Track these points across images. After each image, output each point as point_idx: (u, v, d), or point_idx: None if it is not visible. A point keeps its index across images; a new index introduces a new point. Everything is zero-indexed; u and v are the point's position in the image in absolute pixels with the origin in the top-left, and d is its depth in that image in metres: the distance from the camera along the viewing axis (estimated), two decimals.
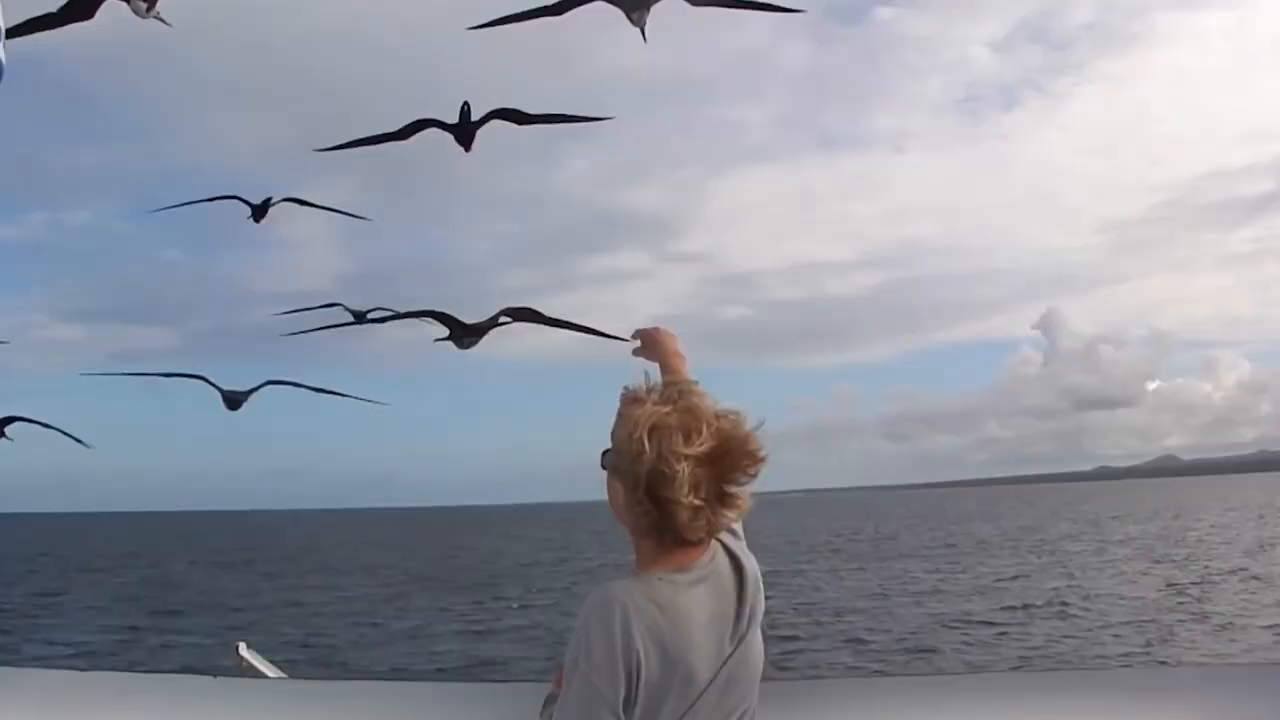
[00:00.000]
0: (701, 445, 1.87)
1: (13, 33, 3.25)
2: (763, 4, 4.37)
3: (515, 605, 26.66)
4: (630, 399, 1.98)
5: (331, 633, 22.14)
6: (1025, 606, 22.92)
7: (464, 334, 4.63)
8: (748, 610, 1.98)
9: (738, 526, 2.08)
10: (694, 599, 1.91)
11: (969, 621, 20.94)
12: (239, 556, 49.67)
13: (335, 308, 5.38)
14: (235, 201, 5.16)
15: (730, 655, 1.94)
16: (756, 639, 2.00)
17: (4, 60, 2.37)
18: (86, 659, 19.32)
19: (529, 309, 4.55)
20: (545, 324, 4.57)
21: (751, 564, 2.05)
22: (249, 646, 3.53)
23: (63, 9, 3.90)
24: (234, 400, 4.92)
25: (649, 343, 2.62)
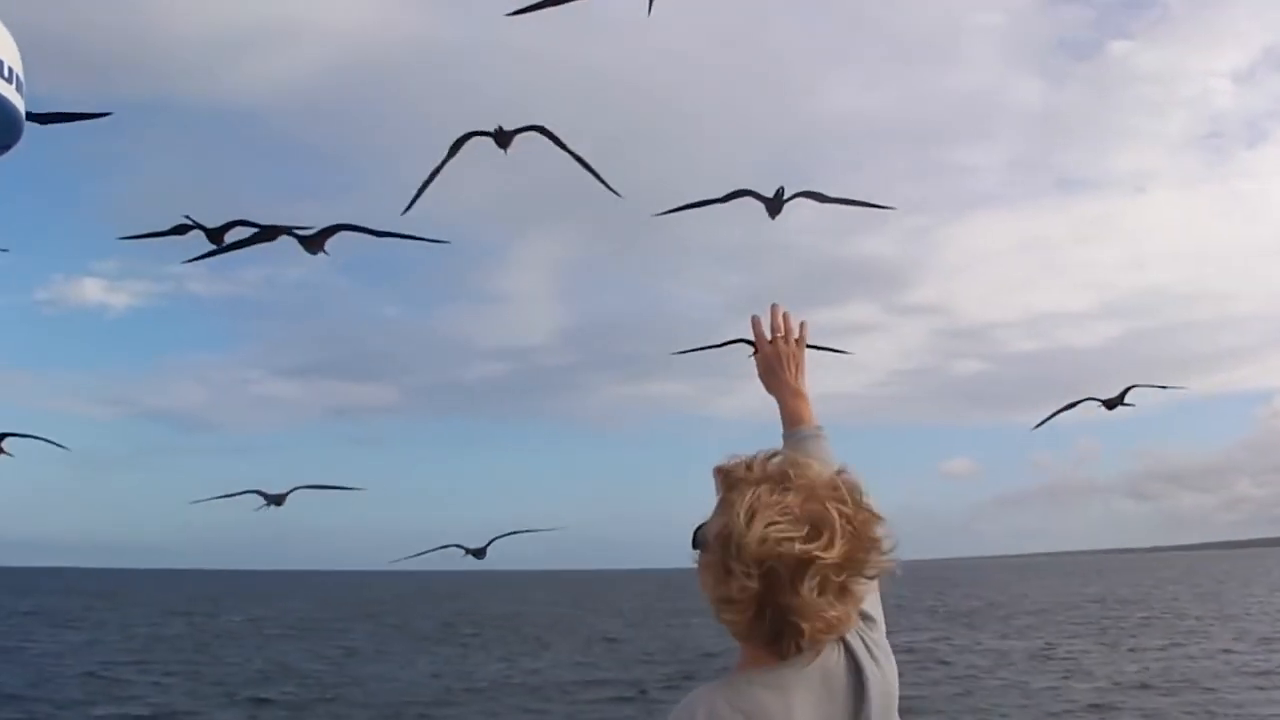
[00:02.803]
0: (831, 541, 1.53)
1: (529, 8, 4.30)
2: None
3: None
4: (731, 479, 1.62)
5: None
6: None
7: None
8: (866, 717, 1.64)
9: (875, 609, 1.76)
10: (793, 703, 1.60)
11: None
12: (440, 620, 45.18)
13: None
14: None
15: None
16: None
17: (23, 111, 2.58)
18: None
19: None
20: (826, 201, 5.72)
21: (877, 663, 1.68)
22: None
23: None
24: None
25: (768, 366, 2.19)
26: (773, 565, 1.52)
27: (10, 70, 2.65)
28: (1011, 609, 46.12)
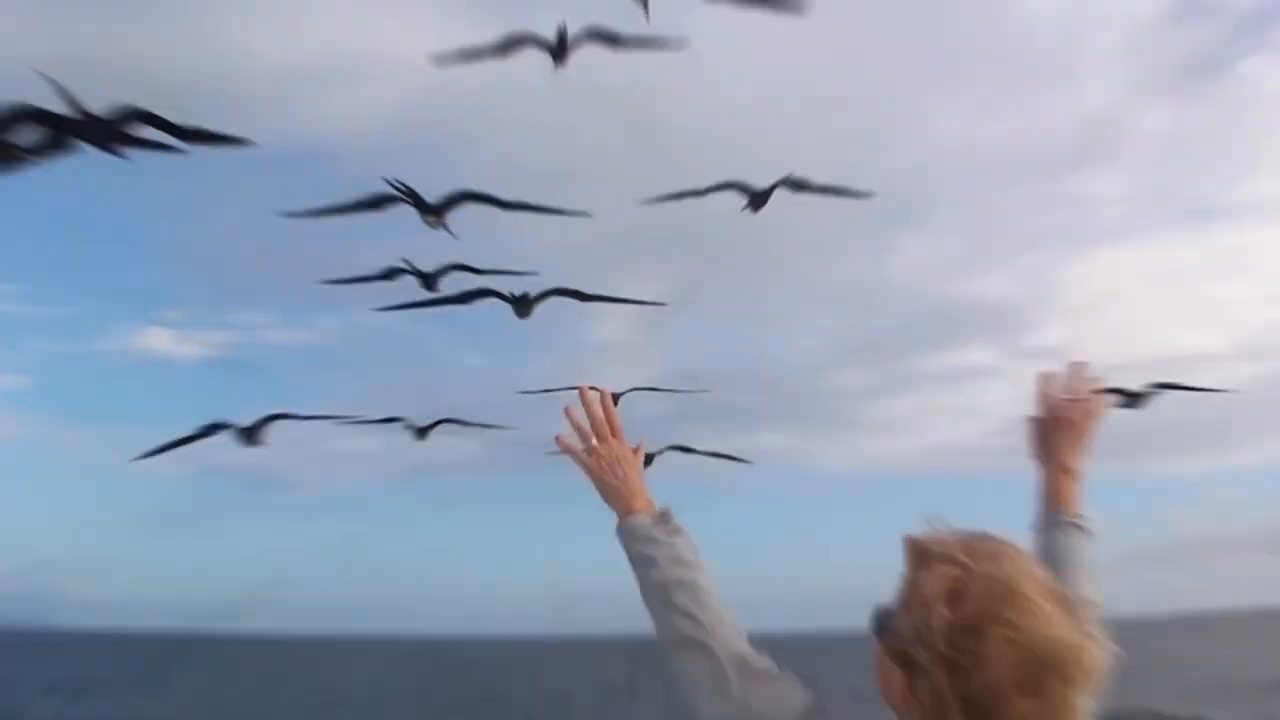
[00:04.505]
0: (1009, 646, 1.31)
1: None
2: None
3: None
4: (922, 554, 1.41)
5: None
6: None
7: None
8: None
9: None
10: None
11: None
12: (521, 687, 42.59)
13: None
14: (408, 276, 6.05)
15: None
16: None
17: None
18: None
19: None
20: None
21: None
22: None
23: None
24: None
25: (1043, 430, 1.97)
26: (958, 660, 1.33)
27: None
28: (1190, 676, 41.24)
